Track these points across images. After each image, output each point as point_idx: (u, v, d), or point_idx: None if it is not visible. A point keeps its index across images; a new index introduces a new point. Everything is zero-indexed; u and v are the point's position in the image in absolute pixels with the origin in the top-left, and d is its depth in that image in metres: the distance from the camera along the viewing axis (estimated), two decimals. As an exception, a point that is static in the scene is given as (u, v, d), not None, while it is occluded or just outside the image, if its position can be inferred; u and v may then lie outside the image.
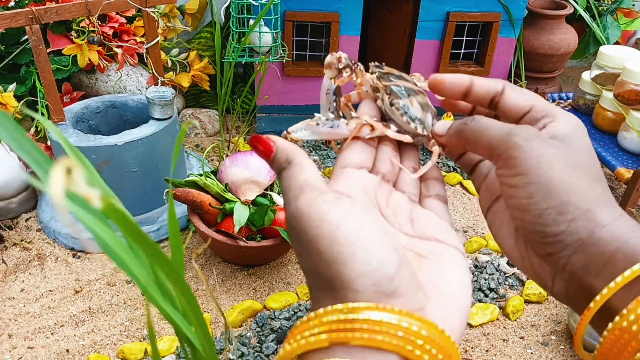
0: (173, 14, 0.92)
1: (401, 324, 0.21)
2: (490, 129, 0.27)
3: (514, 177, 0.25)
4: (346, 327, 0.21)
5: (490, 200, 0.30)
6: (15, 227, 0.73)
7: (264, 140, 0.26)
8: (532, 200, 0.25)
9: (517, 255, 0.28)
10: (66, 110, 0.72)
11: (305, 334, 0.22)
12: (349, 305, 0.22)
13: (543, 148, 0.26)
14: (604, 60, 0.84)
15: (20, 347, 0.57)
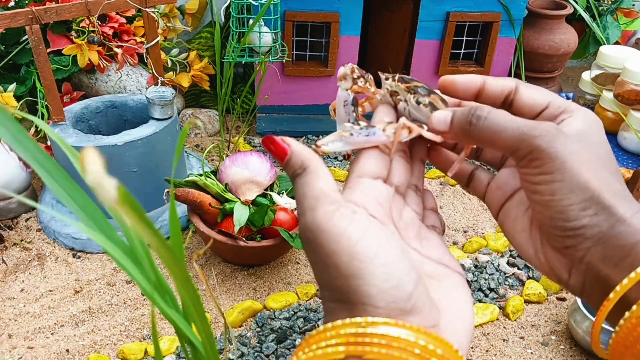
0: (173, 14, 0.92)
1: (418, 341, 0.21)
2: (507, 129, 0.26)
3: (538, 175, 0.25)
4: (364, 341, 0.21)
5: (502, 200, 0.30)
6: (15, 227, 0.73)
7: (278, 143, 0.26)
8: (556, 197, 0.25)
9: (530, 249, 0.28)
10: (66, 110, 0.72)
11: (322, 344, 0.22)
12: (368, 319, 0.22)
13: (566, 147, 0.25)
14: (604, 60, 0.84)
15: (20, 347, 0.57)
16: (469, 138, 0.27)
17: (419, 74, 0.94)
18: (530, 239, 0.28)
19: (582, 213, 0.25)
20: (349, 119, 0.30)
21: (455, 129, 0.28)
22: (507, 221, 0.30)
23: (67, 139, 0.67)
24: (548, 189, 0.25)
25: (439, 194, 0.83)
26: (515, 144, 0.26)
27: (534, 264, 0.28)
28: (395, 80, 0.30)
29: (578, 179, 0.25)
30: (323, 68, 0.91)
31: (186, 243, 0.72)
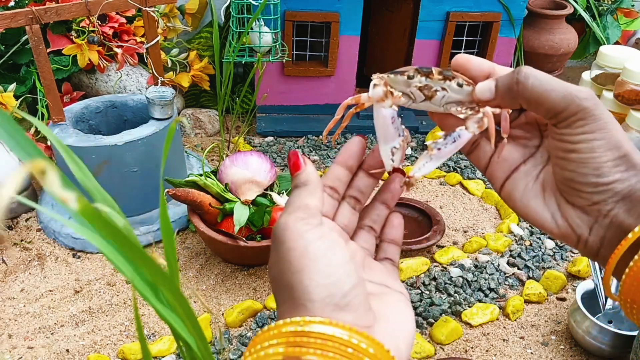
0: (173, 14, 0.92)
1: (351, 340, 0.23)
2: (555, 89, 0.28)
3: (581, 135, 0.27)
4: (302, 341, 0.23)
5: (507, 172, 0.31)
6: (15, 227, 0.73)
7: (297, 159, 0.29)
8: (595, 154, 0.27)
9: (546, 214, 0.29)
10: (66, 110, 0.72)
11: (265, 344, 0.24)
12: (306, 318, 0.23)
13: (606, 110, 0.28)
14: (604, 60, 0.84)
15: (20, 347, 0.57)
16: (516, 97, 0.29)
17: (419, 74, 0.94)
18: (545, 204, 0.30)
19: (614, 169, 0.27)
20: (399, 133, 0.30)
21: (502, 92, 0.29)
22: (515, 192, 0.31)
23: (67, 139, 0.67)
24: (588, 147, 0.27)
25: (439, 194, 0.83)
26: (563, 104, 0.27)
27: (548, 227, 0.29)
28: (422, 75, 0.30)
29: (616, 138, 0.27)
30: (323, 68, 0.91)
31: (186, 243, 0.72)
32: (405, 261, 0.66)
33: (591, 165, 0.27)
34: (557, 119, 0.28)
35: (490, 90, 0.30)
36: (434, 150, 0.30)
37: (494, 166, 0.32)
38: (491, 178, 0.32)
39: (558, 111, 0.28)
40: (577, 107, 0.27)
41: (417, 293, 0.63)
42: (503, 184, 0.32)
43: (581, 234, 0.28)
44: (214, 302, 0.63)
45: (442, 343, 0.57)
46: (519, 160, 0.31)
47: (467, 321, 0.60)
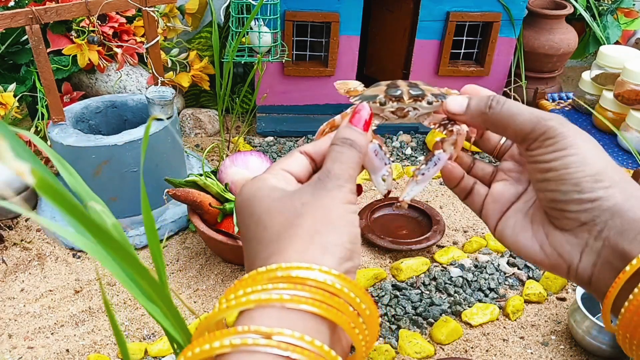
0: (173, 14, 0.92)
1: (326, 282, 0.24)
2: (521, 114, 0.29)
3: (552, 153, 0.28)
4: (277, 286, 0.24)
5: (500, 212, 0.32)
6: (15, 227, 0.73)
7: None
8: (571, 170, 0.27)
9: (535, 246, 0.30)
10: (66, 110, 0.72)
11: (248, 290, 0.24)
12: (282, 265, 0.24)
13: (575, 129, 0.28)
14: (604, 60, 0.84)
15: (20, 347, 0.57)
16: (486, 121, 0.30)
17: (419, 74, 0.94)
18: (534, 235, 0.30)
19: (596, 185, 0.26)
20: (384, 162, 0.33)
21: (473, 112, 0.31)
22: (506, 229, 0.31)
23: (67, 139, 0.67)
24: (562, 163, 0.27)
25: (439, 194, 0.83)
26: (530, 126, 0.28)
27: (538, 259, 0.29)
28: (393, 101, 0.33)
29: (589, 153, 0.27)
30: (323, 68, 0.91)
31: (186, 243, 0.72)
32: (405, 261, 0.66)
33: (570, 182, 0.27)
34: (526, 141, 0.29)
35: (461, 106, 0.31)
36: (418, 176, 0.33)
37: (488, 207, 0.33)
38: (486, 219, 0.33)
39: (526, 132, 0.29)
40: (543, 127, 0.28)
41: (417, 293, 0.63)
42: (497, 224, 0.32)
43: (571, 262, 0.28)
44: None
45: (442, 343, 0.57)
46: (511, 199, 0.32)
47: (467, 321, 0.60)
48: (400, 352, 0.56)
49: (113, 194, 0.69)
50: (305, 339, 0.22)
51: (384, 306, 0.61)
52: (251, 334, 0.22)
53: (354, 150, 0.29)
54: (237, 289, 0.24)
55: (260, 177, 0.29)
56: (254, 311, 0.23)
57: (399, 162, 0.89)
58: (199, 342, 0.22)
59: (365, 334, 0.25)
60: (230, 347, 0.22)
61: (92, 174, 0.67)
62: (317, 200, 0.27)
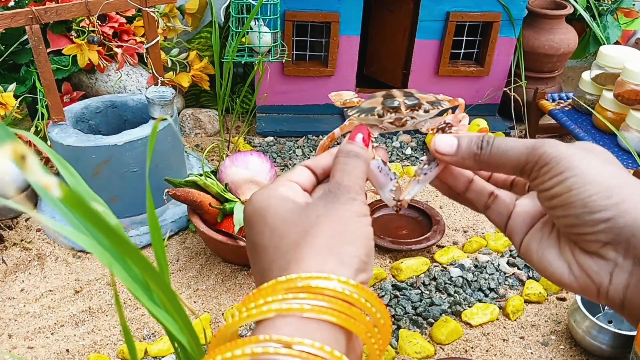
0: (173, 14, 0.92)
1: (344, 292, 0.24)
2: (511, 149, 0.28)
3: (551, 179, 0.27)
4: (297, 296, 0.24)
5: (525, 228, 0.31)
6: (15, 227, 0.73)
7: None
8: (574, 192, 0.26)
9: (563, 267, 0.28)
10: (66, 110, 0.72)
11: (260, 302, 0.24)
12: (302, 275, 0.24)
13: (571, 149, 0.27)
14: (604, 60, 0.84)
15: (20, 347, 0.57)
16: (479, 163, 0.30)
17: (419, 74, 0.94)
18: (561, 255, 0.28)
19: (606, 202, 0.25)
20: (390, 177, 0.33)
21: (464, 155, 0.30)
22: (532, 246, 0.30)
23: (67, 139, 0.67)
24: (563, 188, 0.26)
25: (439, 194, 0.83)
26: (523, 158, 0.28)
27: (566, 281, 0.28)
28: (391, 112, 0.33)
29: (590, 171, 0.26)
30: (323, 68, 0.91)
31: (186, 243, 0.72)
32: (405, 261, 0.66)
33: (577, 204, 0.26)
34: (525, 173, 0.28)
35: (452, 147, 0.30)
36: (420, 176, 0.34)
37: (513, 223, 0.32)
38: (511, 235, 0.32)
39: (521, 166, 0.28)
40: (536, 156, 0.27)
41: (417, 293, 0.63)
42: (522, 240, 0.31)
43: (600, 284, 0.27)
44: (214, 302, 0.63)
45: (442, 343, 0.57)
46: (539, 214, 0.31)
47: (467, 321, 0.60)
48: (400, 352, 0.56)
49: (113, 194, 0.69)
50: (325, 349, 0.22)
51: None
52: (272, 343, 0.22)
53: (359, 160, 0.29)
54: (257, 298, 0.24)
55: (269, 186, 0.29)
56: (274, 320, 0.23)
57: (399, 162, 0.89)
58: (221, 350, 0.22)
59: (380, 343, 0.25)
60: (251, 356, 0.22)
61: (92, 174, 0.67)
62: (333, 213, 0.27)
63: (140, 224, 0.71)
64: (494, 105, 1.00)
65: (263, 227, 0.28)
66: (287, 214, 0.27)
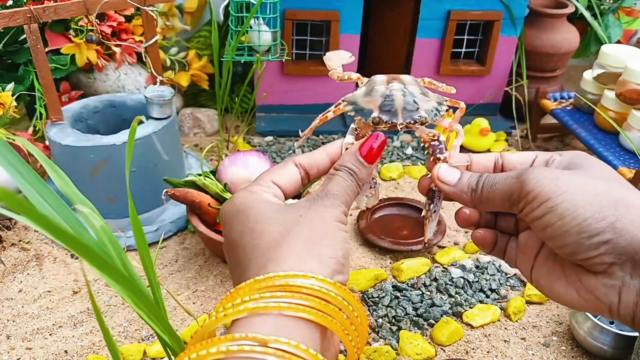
0: (172, 13, 0.92)
1: (322, 290, 0.25)
2: (497, 182, 0.29)
3: (539, 207, 0.26)
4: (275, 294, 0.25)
5: (530, 261, 0.32)
6: (14, 227, 0.73)
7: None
8: (566, 220, 0.25)
9: (572, 292, 0.28)
10: (64, 109, 0.72)
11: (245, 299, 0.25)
12: (280, 273, 0.25)
13: (554, 172, 0.27)
14: (605, 59, 0.83)
15: (19, 348, 0.56)
16: (474, 199, 0.30)
17: (420, 73, 0.94)
18: (568, 282, 0.28)
19: (601, 224, 0.24)
20: (370, 185, 0.34)
21: (463, 187, 0.31)
22: (541, 278, 0.30)
23: (65, 139, 0.66)
24: (555, 215, 0.25)
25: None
26: (508, 188, 0.28)
27: (578, 305, 0.28)
28: (385, 126, 0.33)
29: (578, 194, 0.25)
30: (323, 67, 0.90)
31: (185, 244, 0.72)
32: (406, 262, 0.66)
33: (573, 231, 0.25)
34: (514, 205, 0.28)
35: (454, 178, 0.31)
36: (431, 216, 0.35)
37: (519, 259, 0.32)
38: (521, 271, 0.33)
39: (508, 196, 0.28)
40: (519, 185, 0.27)
41: (418, 294, 0.63)
42: (531, 274, 0.31)
43: (610, 304, 0.26)
44: (213, 303, 0.62)
45: (442, 344, 0.57)
46: (536, 246, 0.31)
47: (468, 322, 0.60)
48: (400, 354, 0.56)
49: (111, 194, 0.69)
50: (301, 347, 0.22)
51: (385, 307, 0.61)
52: (248, 341, 0.22)
53: (354, 182, 0.30)
54: (235, 297, 0.25)
55: (252, 188, 0.30)
56: (251, 318, 0.23)
57: (400, 162, 0.88)
58: (196, 348, 0.22)
59: (358, 340, 0.25)
60: (225, 354, 0.22)
61: (90, 174, 0.66)
62: (315, 213, 0.28)
63: (139, 224, 0.71)
64: (495, 104, 1.00)
65: (243, 227, 0.28)
66: (271, 213, 0.28)
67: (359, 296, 0.63)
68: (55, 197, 0.28)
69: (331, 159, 0.33)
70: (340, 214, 0.29)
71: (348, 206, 0.30)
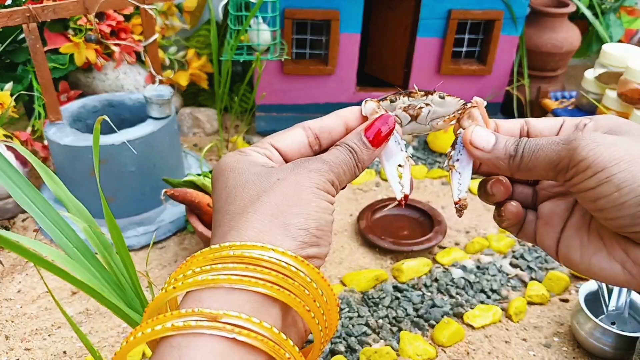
0: (171, 12, 0.91)
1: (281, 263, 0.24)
2: (542, 147, 0.25)
3: (592, 177, 0.24)
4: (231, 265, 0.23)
5: (555, 234, 0.29)
6: (12, 227, 0.72)
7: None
8: (624, 191, 0.23)
9: (616, 267, 0.26)
10: (63, 109, 0.72)
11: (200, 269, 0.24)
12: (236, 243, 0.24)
13: (607, 139, 0.24)
14: (606, 58, 0.83)
15: (17, 349, 0.56)
16: (511, 166, 0.27)
17: (421, 72, 0.93)
18: (610, 256, 0.26)
19: None
20: (400, 147, 0.31)
21: (499, 154, 0.27)
22: (573, 252, 0.27)
23: (64, 139, 0.66)
24: (612, 186, 0.23)
25: (441, 194, 0.82)
26: (555, 155, 0.25)
27: (622, 281, 0.26)
28: (404, 95, 0.31)
29: (636, 164, 0.23)
30: (323, 66, 0.90)
31: (185, 244, 0.71)
32: (407, 262, 0.66)
33: (630, 202, 0.23)
34: (560, 173, 0.25)
35: (489, 143, 0.28)
36: (455, 165, 0.31)
37: (541, 233, 0.29)
38: (543, 246, 0.29)
39: (555, 164, 0.25)
40: (568, 151, 0.24)
41: (419, 294, 0.62)
42: (557, 249, 0.28)
43: None
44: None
45: (443, 345, 0.57)
46: (563, 215, 0.28)
47: (469, 323, 0.59)
48: (401, 355, 0.55)
49: (110, 194, 0.69)
50: (253, 320, 0.21)
51: (385, 308, 0.61)
52: (195, 316, 0.21)
53: (352, 160, 0.27)
54: (188, 267, 0.23)
55: (243, 150, 0.28)
56: (202, 292, 0.22)
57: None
58: (147, 324, 0.22)
59: (323, 319, 0.24)
60: (172, 330, 0.21)
61: (89, 174, 0.66)
62: (294, 177, 0.25)
63: (138, 225, 0.70)
64: (496, 104, 0.99)
65: (221, 190, 0.26)
66: (249, 176, 0.26)
67: (359, 297, 0.63)
68: (43, 201, 0.28)
69: (346, 125, 0.29)
70: (325, 181, 0.26)
71: (338, 177, 0.27)
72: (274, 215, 0.24)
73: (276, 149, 0.28)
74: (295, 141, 0.28)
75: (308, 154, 0.29)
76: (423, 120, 0.32)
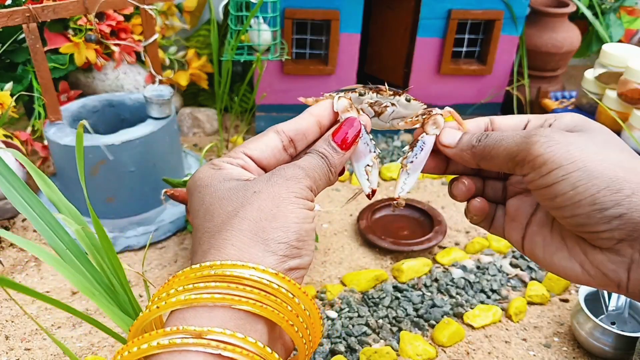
0: (171, 12, 0.91)
1: (262, 281, 0.24)
2: (504, 139, 0.26)
3: (548, 174, 0.24)
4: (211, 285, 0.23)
5: (521, 230, 0.29)
6: (12, 227, 0.72)
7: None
8: (580, 189, 0.23)
9: (575, 266, 0.26)
10: (63, 109, 0.72)
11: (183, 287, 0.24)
12: (216, 262, 0.24)
13: (566, 137, 0.24)
14: (606, 58, 0.83)
15: (17, 349, 0.56)
16: (474, 155, 0.28)
17: (421, 72, 0.93)
18: (571, 255, 0.26)
19: (616, 197, 0.22)
20: (369, 148, 0.31)
21: (462, 147, 0.29)
22: (537, 248, 0.28)
23: (64, 139, 0.66)
24: (568, 184, 0.23)
25: (441, 194, 0.82)
26: (515, 148, 0.25)
27: (583, 280, 0.26)
28: (373, 91, 0.32)
29: (593, 162, 0.23)
30: (323, 66, 0.90)
31: (184, 244, 0.71)
32: (407, 262, 0.66)
33: (585, 202, 0.23)
34: (517, 166, 0.25)
35: (454, 139, 0.29)
36: (407, 165, 0.31)
37: (507, 227, 0.30)
38: (510, 240, 0.30)
39: (512, 156, 0.25)
40: (526, 145, 0.24)
41: (419, 294, 0.62)
42: (523, 244, 0.29)
43: (619, 281, 0.24)
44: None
45: (443, 345, 0.57)
46: (528, 212, 0.29)
47: (469, 323, 0.59)
48: (401, 355, 0.55)
49: (110, 194, 0.69)
50: (238, 335, 0.21)
51: (385, 308, 0.61)
52: (180, 334, 0.21)
53: (325, 165, 0.28)
54: (171, 286, 0.23)
55: (216, 163, 0.27)
56: (186, 310, 0.22)
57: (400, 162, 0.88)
58: (134, 343, 0.22)
59: (307, 333, 0.24)
60: (157, 348, 0.21)
61: (88, 174, 0.66)
62: (271, 188, 0.25)
63: (138, 225, 0.70)
64: (496, 104, 0.99)
65: (199, 207, 0.26)
66: (224, 192, 0.26)
67: (359, 297, 0.63)
68: (39, 203, 0.28)
69: (319, 124, 0.29)
70: (303, 188, 0.26)
71: (315, 182, 0.27)
72: (252, 232, 0.24)
73: (250, 157, 0.28)
74: (269, 147, 0.28)
75: (283, 159, 0.29)
76: (385, 118, 0.32)
